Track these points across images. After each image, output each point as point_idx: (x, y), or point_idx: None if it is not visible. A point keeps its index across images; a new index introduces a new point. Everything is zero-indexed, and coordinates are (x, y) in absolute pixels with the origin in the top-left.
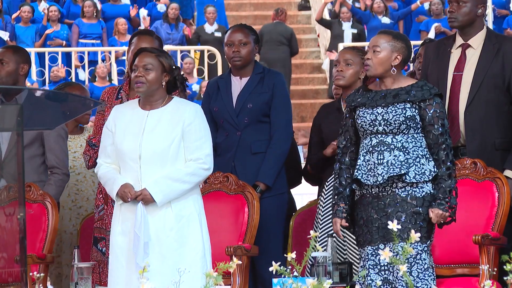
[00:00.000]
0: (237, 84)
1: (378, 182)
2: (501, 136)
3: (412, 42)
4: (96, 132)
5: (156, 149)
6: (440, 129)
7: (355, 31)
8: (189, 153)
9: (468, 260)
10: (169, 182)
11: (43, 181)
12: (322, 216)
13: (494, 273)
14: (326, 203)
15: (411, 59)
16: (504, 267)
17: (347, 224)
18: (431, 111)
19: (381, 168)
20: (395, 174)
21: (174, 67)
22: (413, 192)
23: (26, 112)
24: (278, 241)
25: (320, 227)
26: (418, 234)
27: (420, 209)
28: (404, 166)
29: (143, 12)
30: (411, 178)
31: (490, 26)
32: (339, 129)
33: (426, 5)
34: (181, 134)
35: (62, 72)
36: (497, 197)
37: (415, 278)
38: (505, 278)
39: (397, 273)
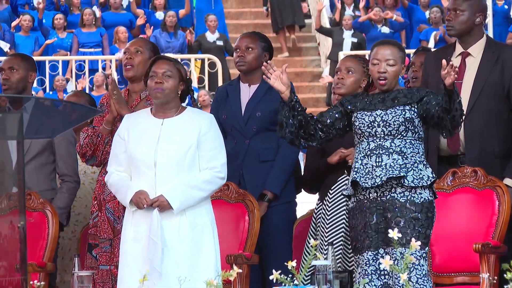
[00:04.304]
0: (246, 91)
1: (376, 184)
2: (501, 144)
3: (413, 51)
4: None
5: (172, 156)
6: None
7: (355, 40)
8: (204, 162)
9: (468, 269)
10: (186, 189)
11: (54, 188)
12: (327, 224)
13: (495, 281)
14: (331, 211)
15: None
16: (505, 275)
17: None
18: (431, 96)
19: (379, 170)
20: (394, 176)
21: (188, 77)
22: (412, 198)
23: (33, 120)
24: (287, 249)
25: (326, 235)
26: (419, 242)
27: (419, 215)
28: (403, 170)
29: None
30: (409, 182)
31: (490, 34)
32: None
33: (427, 14)
34: (197, 142)
35: (85, 82)
36: (498, 206)
37: (414, 284)
38: (505, 286)
39: (396, 278)
